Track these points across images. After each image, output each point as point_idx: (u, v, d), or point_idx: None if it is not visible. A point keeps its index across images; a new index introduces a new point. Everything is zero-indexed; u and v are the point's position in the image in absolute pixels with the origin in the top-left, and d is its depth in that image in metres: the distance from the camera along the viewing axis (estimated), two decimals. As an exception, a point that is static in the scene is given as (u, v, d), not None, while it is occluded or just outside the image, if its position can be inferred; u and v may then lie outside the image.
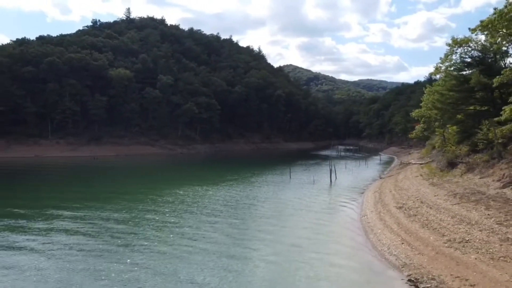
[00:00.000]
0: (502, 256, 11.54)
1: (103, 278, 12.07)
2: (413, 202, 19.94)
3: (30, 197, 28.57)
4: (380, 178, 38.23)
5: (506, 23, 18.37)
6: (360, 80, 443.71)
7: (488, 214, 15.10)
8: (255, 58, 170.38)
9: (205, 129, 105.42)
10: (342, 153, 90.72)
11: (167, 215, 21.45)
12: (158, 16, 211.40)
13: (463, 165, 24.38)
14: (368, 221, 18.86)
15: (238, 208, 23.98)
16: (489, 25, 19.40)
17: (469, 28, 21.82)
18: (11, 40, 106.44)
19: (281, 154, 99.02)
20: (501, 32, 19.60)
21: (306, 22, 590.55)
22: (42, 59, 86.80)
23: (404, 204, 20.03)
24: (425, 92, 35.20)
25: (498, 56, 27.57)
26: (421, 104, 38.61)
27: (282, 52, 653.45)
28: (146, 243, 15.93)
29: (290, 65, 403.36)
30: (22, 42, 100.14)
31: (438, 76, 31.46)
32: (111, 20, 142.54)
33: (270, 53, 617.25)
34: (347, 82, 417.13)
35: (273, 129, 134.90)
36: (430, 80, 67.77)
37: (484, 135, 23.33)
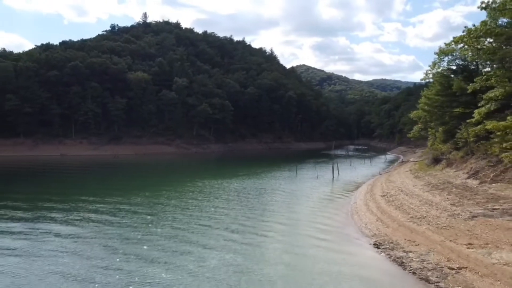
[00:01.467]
0: (445, 226, 15.15)
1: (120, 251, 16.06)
2: (395, 191, 23.51)
3: (64, 190, 32.97)
4: (380, 174, 41.62)
5: (474, 40, 21.67)
6: (374, 80, 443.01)
7: (447, 198, 18.66)
8: (267, 59, 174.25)
9: (218, 129, 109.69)
10: (351, 153, 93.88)
11: (188, 202, 25.42)
12: (173, 19, 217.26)
13: (445, 161, 27.78)
14: (356, 206, 22.52)
15: (248, 196, 27.83)
16: (460, 41, 22.74)
17: (444, 43, 25.13)
18: (35, 45, 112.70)
19: (292, 153, 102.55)
20: (471, 47, 22.88)
21: (319, 22, 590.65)
22: (66, 63, 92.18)
23: (387, 193, 23.62)
24: (422, 94, 38.51)
25: (479, 65, 30.70)
26: (418, 106, 41.90)
27: (295, 52, 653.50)
28: (175, 223, 19.92)
29: (303, 65, 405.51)
30: (46, 47, 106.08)
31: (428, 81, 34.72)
32: (127, 22, 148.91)
33: (284, 53, 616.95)
34: (360, 82, 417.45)
35: (284, 129, 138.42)
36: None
37: (462, 135, 26.65)
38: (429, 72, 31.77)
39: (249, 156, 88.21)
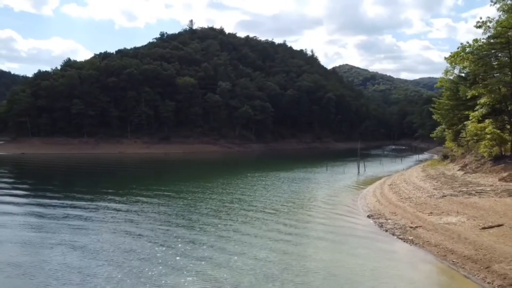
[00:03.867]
0: (420, 203, 20.15)
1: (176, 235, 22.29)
2: (400, 181, 28.33)
3: (125, 181, 40.31)
4: (403, 170, 45.74)
5: (460, 59, 25.97)
6: (421, 79, 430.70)
7: (433, 185, 23.44)
8: (308, 61, 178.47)
9: (259, 130, 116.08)
10: (386, 152, 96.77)
11: (234, 189, 31.62)
12: (218, 21, 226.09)
13: (450, 157, 31.99)
14: (364, 193, 27.63)
15: (283, 183, 33.60)
16: (452, 58, 27.05)
17: (444, 57, 29.30)
18: (94, 54, 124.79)
19: (329, 153, 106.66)
20: (465, 63, 27.05)
21: (364, 20, 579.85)
22: (122, 70, 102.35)
23: (394, 183, 28.48)
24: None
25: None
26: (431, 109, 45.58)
27: (339, 51, 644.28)
28: (222, 209, 26.11)
29: (346, 65, 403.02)
30: (105, 56, 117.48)
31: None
32: (174, 26, 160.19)
33: (327, 53, 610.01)
34: (406, 81, 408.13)
35: (323, 129, 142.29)
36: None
37: (463, 135, 30.73)
38: (443, 78, 35.74)
39: (288, 155, 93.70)
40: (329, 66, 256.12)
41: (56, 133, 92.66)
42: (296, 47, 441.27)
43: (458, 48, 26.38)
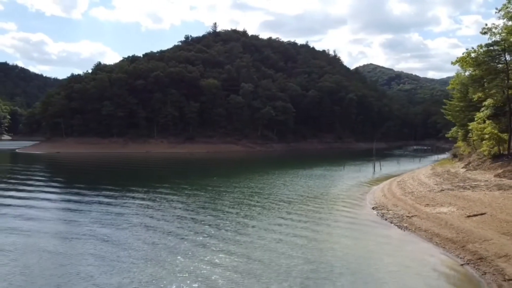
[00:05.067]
0: (420, 196, 22.34)
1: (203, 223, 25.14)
2: (408, 178, 30.40)
3: (153, 178, 43.66)
4: (418, 169, 47.35)
5: (466, 63, 27.77)
6: (449, 78, 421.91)
7: (436, 181, 25.49)
8: (330, 62, 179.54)
9: (281, 130, 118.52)
10: (406, 152, 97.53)
11: (255, 184, 34.40)
12: (242, 22, 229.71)
13: (459, 156, 33.73)
14: (373, 190, 29.85)
15: (300, 180, 36.13)
16: (459, 63, 28.84)
17: (451, 62, 31.02)
18: (123, 58, 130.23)
19: (350, 152, 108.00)
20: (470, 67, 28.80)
21: (390, 18, 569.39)
22: (150, 73, 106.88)
23: (402, 180, 30.57)
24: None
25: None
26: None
27: (364, 50, 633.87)
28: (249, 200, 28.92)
29: (370, 64, 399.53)
30: (133, 59, 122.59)
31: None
32: (198, 28, 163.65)
33: (352, 52, 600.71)
34: (432, 80, 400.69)
35: (345, 129, 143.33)
36: None
37: (471, 135, 32.39)
38: (453, 81, 37.35)
39: (308, 154, 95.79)
40: (353, 66, 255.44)
41: (88, 133, 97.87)
42: (320, 47, 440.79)
43: (463, 54, 28.26)
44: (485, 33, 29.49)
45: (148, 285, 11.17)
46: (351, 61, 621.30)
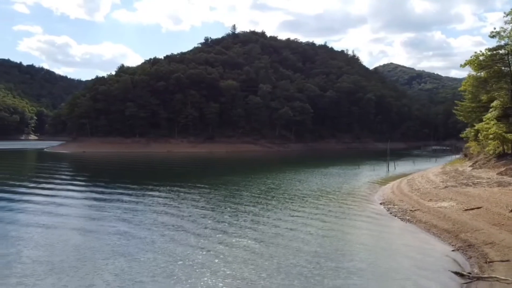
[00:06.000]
0: (425, 193, 23.83)
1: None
2: (418, 177, 31.76)
3: (175, 176, 46.00)
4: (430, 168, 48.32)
5: (474, 66, 28.93)
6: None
7: (443, 178, 26.87)
8: (349, 62, 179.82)
9: (299, 130, 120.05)
10: (425, 152, 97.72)
11: (271, 181, 36.36)
12: (261, 23, 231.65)
13: (469, 155, 34.83)
14: (384, 188, 31.34)
15: (315, 178, 37.88)
16: (467, 65, 30.02)
17: (460, 65, 32.09)
18: (145, 60, 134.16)
19: (367, 152, 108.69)
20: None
21: (412, 17, 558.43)
22: (171, 75, 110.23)
23: (412, 178, 31.95)
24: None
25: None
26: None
27: (385, 49, 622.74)
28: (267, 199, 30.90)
29: (391, 63, 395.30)
30: (154, 61, 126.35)
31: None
32: (218, 29, 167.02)
33: (372, 51, 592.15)
34: (455, 79, 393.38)
35: (363, 129, 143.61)
36: None
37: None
38: (465, 82, 38.33)
39: (326, 154, 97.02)
40: (373, 65, 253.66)
41: (112, 133, 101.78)
42: (339, 46, 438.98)
43: (471, 57, 29.41)
44: (493, 36, 30.64)
45: (175, 263, 13.20)
46: (371, 61, 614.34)
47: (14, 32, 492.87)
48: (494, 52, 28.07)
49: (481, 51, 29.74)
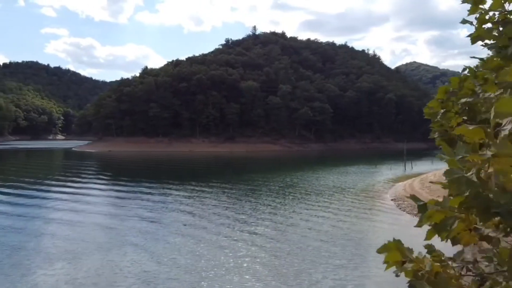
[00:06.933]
0: (436, 189, 25.01)
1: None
2: (431, 176, 32.83)
3: (198, 174, 48.21)
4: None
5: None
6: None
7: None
8: (369, 62, 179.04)
9: (318, 130, 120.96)
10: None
11: (290, 179, 38.08)
12: (282, 24, 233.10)
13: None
14: (398, 185, 32.59)
15: (332, 176, 39.38)
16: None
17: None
18: (168, 62, 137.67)
19: (387, 152, 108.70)
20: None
21: (436, 14, 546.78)
22: (192, 76, 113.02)
23: (425, 177, 33.04)
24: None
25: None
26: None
27: (408, 48, 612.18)
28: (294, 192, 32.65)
29: (414, 62, 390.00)
30: (176, 63, 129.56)
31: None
32: (239, 30, 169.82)
33: (394, 50, 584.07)
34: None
35: (383, 129, 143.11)
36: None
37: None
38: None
39: (345, 154, 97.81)
40: (396, 64, 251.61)
41: (136, 133, 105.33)
42: (361, 45, 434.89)
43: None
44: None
45: (200, 244, 15.10)
46: (394, 60, 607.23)
47: (42, 35, 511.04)
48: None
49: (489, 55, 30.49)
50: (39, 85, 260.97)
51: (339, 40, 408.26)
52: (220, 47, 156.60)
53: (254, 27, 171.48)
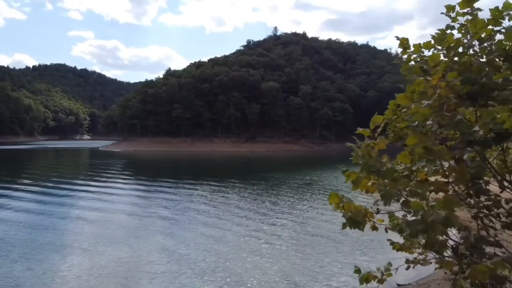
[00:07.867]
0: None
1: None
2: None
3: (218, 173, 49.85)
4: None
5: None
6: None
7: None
8: (391, 61, 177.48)
9: (339, 130, 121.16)
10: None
11: (308, 177, 39.29)
12: (303, 24, 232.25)
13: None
14: (416, 182, 33.34)
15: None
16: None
17: None
18: (190, 63, 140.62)
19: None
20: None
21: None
22: (214, 77, 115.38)
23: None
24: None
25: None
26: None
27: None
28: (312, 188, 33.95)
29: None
30: (199, 64, 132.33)
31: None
32: (260, 30, 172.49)
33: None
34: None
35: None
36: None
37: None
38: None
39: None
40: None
41: (160, 133, 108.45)
42: (384, 44, 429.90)
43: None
44: None
45: (224, 235, 16.59)
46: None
47: (69, 37, 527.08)
48: None
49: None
50: (66, 86, 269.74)
51: (361, 39, 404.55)
52: (242, 48, 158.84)
53: (275, 28, 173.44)
